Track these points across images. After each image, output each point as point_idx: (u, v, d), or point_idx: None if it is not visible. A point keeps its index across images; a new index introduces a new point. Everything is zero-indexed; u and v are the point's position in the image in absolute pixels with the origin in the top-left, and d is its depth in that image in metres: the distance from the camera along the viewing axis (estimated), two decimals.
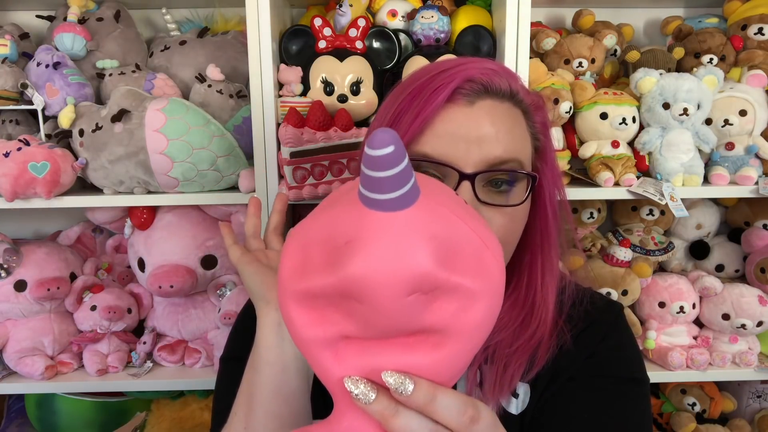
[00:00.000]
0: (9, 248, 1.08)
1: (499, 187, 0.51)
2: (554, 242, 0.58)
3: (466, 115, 0.50)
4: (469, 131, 0.49)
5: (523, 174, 0.52)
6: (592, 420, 0.54)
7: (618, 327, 0.61)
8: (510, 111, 0.52)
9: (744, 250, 1.22)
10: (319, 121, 0.96)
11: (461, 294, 0.29)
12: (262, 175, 1.00)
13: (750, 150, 1.08)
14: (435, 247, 0.28)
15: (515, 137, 0.52)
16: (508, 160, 0.50)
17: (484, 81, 0.51)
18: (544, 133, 0.56)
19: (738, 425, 1.25)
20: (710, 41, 1.10)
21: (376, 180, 0.26)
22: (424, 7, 1.06)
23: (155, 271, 1.08)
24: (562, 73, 1.11)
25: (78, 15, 1.09)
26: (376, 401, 0.31)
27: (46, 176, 0.96)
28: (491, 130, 0.50)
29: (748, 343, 1.16)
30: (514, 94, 0.53)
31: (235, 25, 1.18)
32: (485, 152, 0.49)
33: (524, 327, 0.56)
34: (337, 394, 0.33)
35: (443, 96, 0.49)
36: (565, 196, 0.60)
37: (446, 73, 0.51)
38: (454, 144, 0.49)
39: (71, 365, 1.11)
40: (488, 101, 0.51)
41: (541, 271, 0.57)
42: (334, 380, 0.32)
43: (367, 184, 0.27)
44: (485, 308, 0.30)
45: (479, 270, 0.30)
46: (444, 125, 0.50)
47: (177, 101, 0.99)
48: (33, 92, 1.02)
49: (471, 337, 0.31)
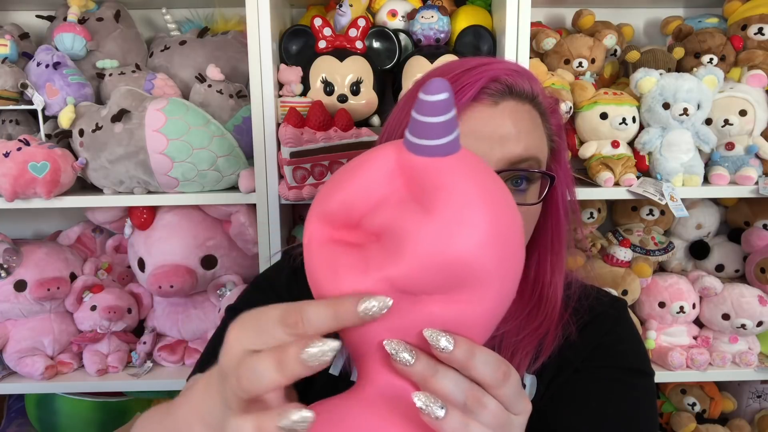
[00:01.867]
0: (9, 248, 1.08)
1: (519, 185, 0.53)
2: (564, 241, 0.59)
3: (491, 114, 0.51)
4: (493, 130, 0.51)
5: (541, 174, 0.53)
6: (600, 409, 0.54)
7: (623, 321, 0.62)
8: (530, 113, 0.54)
9: (744, 250, 1.22)
10: (319, 121, 0.97)
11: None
12: (262, 175, 1.00)
13: (750, 150, 1.08)
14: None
15: (535, 138, 0.53)
16: (527, 159, 0.52)
17: (509, 82, 0.52)
18: (559, 135, 0.58)
19: (738, 425, 1.25)
20: (710, 41, 1.10)
21: (428, 126, 0.28)
22: (424, 7, 1.06)
23: (155, 271, 1.08)
24: (562, 73, 1.11)
25: (78, 15, 1.09)
26: (417, 362, 0.31)
27: (46, 176, 0.96)
28: (513, 130, 0.51)
29: (748, 343, 1.16)
30: (534, 96, 0.54)
31: (235, 25, 1.18)
32: (507, 151, 0.51)
33: (531, 319, 0.57)
34: (369, 357, 0.33)
35: (471, 94, 0.50)
36: (575, 195, 0.61)
37: (472, 72, 0.51)
38: (478, 142, 0.50)
39: (71, 365, 1.11)
40: (512, 102, 0.52)
41: (550, 268, 0.59)
42: (369, 338, 0.32)
43: (417, 131, 0.29)
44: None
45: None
46: (469, 123, 0.51)
47: (177, 101, 0.99)
48: (33, 92, 1.02)
49: (494, 297, 0.31)
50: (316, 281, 0.33)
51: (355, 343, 0.33)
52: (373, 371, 0.33)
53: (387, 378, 0.33)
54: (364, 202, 0.32)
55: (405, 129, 0.54)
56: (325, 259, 0.32)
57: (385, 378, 0.33)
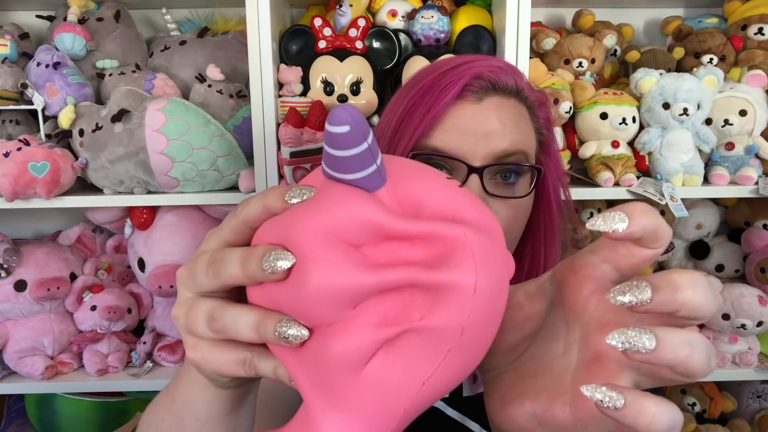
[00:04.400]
0: (9, 248, 1.08)
1: (507, 179, 0.53)
2: (558, 233, 0.60)
3: (475, 111, 0.52)
4: (477, 126, 0.51)
5: (529, 166, 0.54)
6: None
7: None
8: (516, 107, 0.54)
9: (744, 250, 1.22)
10: (319, 121, 0.97)
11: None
12: (262, 175, 1.00)
13: (750, 150, 1.08)
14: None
15: (521, 131, 0.54)
16: (514, 153, 0.52)
17: (492, 78, 0.53)
18: (547, 128, 0.59)
19: (738, 425, 1.25)
20: (710, 41, 1.10)
21: (337, 158, 0.25)
22: (424, 7, 1.06)
23: (155, 271, 1.08)
24: (562, 73, 1.11)
25: (78, 15, 1.09)
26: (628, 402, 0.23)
27: (46, 176, 0.96)
28: (498, 126, 0.52)
29: (748, 343, 1.16)
30: (519, 91, 0.55)
31: (235, 25, 1.18)
32: (493, 146, 0.51)
33: None
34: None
35: (453, 93, 0.51)
36: (570, 195, 0.62)
37: (455, 70, 0.52)
38: (464, 139, 0.51)
39: (71, 365, 1.11)
40: (495, 98, 0.53)
41: (544, 261, 0.59)
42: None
43: (329, 162, 0.26)
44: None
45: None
46: (453, 121, 0.52)
47: (177, 101, 0.99)
48: (33, 92, 1.02)
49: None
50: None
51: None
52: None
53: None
54: None
55: (391, 133, 0.55)
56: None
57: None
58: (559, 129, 1.11)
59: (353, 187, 0.26)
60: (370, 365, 0.25)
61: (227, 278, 0.27)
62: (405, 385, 0.25)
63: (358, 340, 0.24)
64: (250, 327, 0.26)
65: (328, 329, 0.25)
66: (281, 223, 0.26)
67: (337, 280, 0.24)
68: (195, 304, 0.28)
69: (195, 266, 0.28)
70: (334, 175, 0.26)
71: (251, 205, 0.28)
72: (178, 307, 0.29)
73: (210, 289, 0.28)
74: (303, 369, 0.26)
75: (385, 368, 0.25)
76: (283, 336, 0.25)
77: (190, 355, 0.29)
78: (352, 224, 0.25)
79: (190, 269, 0.29)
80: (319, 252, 0.24)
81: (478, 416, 0.59)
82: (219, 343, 0.29)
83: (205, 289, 0.28)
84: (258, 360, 0.28)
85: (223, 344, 0.29)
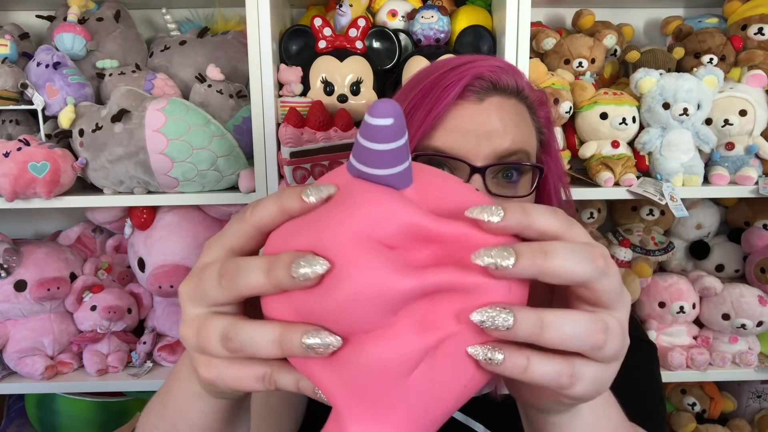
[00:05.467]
0: (9, 248, 1.08)
1: (510, 178, 0.53)
2: None
3: (476, 111, 0.52)
4: (478, 126, 0.52)
5: (531, 166, 0.54)
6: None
7: None
8: (516, 107, 0.54)
9: (744, 250, 1.22)
10: (319, 121, 0.96)
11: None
12: (262, 175, 1.00)
13: (750, 150, 1.08)
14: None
15: (522, 131, 0.54)
16: (515, 152, 0.53)
17: (493, 78, 0.53)
18: (548, 127, 0.59)
19: (738, 425, 1.25)
20: (710, 41, 1.10)
21: (372, 152, 0.24)
22: (424, 7, 1.06)
23: (155, 271, 1.08)
24: (562, 73, 1.11)
25: (78, 15, 1.09)
26: (508, 357, 0.25)
27: (46, 176, 0.96)
28: (499, 125, 0.52)
29: (748, 343, 1.16)
30: (519, 91, 0.55)
31: (235, 25, 1.18)
32: (494, 145, 0.51)
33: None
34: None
35: (454, 93, 0.51)
36: (570, 195, 0.62)
37: (456, 70, 0.53)
38: (465, 139, 0.51)
39: (71, 365, 1.11)
40: (496, 98, 0.53)
41: None
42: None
43: (361, 156, 0.25)
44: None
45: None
46: (455, 121, 0.52)
47: (177, 101, 0.98)
48: (33, 92, 1.02)
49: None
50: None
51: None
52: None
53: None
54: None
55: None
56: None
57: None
58: (559, 129, 1.11)
59: (382, 186, 0.25)
60: (416, 372, 0.24)
61: (245, 288, 0.25)
62: (448, 389, 0.25)
63: (403, 347, 0.24)
64: (272, 343, 0.25)
65: (366, 336, 0.24)
66: (307, 225, 0.25)
67: (383, 285, 0.23)
68: (206, 324, 0.26)
69: (202, 279, 0.27)
70: (365, 171, 0.25)
71: (263, 208, 0.26)
72: (186, 327, 0.27)
73: (223, 302, 0.26)
74: (334, 378, 0.25)
75: (430, 374, 0.25)
76: (312, 347, 0.24)
77: (203, 373, 0.28)
78: (391, 225, 0.24)
79: (197, 283, 0.27)
80: (361, 255, 0.23)
81: (482, 417, 0.59)
82: (235, 360, 0.27)
83: (218, 302, 0.26)
84: (278, 374, 0.27)
85: (240, 361, 0.27)
